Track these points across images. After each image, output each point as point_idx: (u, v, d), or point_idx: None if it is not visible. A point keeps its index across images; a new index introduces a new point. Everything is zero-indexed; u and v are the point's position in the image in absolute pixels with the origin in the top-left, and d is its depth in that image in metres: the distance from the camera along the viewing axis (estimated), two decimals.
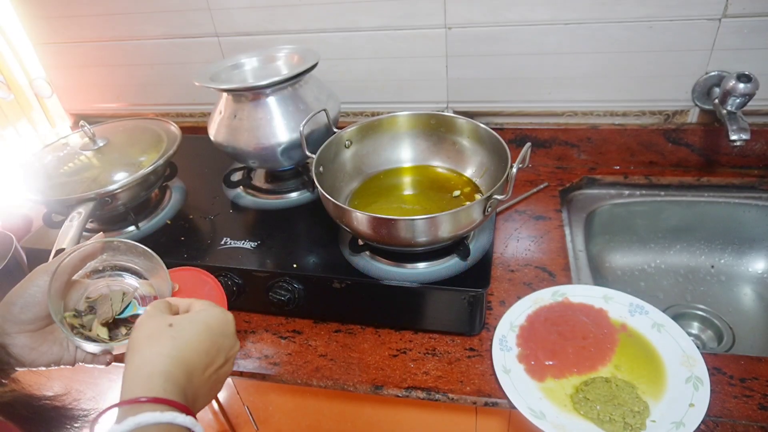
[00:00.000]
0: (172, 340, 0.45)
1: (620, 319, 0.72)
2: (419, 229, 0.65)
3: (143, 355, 0.44)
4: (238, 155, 0.88)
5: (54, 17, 1.15)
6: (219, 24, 1.08)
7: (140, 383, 0.42)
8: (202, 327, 0.48)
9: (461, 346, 0.73)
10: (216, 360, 0.48)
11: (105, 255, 0.57)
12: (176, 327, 0.47)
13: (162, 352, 0.44)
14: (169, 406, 0.41)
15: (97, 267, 0.57)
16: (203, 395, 0.47)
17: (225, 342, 0.49)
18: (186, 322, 0.47)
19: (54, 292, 0.51)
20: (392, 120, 0.87)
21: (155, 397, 0.41)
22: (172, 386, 0.42)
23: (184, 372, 0.44)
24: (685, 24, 0.88)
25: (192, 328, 0.47)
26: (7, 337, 0.50)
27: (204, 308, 0.50)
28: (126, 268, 0.59)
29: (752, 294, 0.95)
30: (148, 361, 0.43)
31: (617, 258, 1.03)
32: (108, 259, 0.57)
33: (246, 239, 0.83)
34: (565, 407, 0.62)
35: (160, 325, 0.46)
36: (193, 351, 0.46)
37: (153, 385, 0.42)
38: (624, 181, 1.01)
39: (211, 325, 0.48)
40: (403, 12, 0.97)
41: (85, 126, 0.90)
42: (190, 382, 0.44)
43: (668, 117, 0.99)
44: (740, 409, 0.61)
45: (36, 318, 0.51)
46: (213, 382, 0.48)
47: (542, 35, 0.94)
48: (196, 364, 0.46)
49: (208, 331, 0.48)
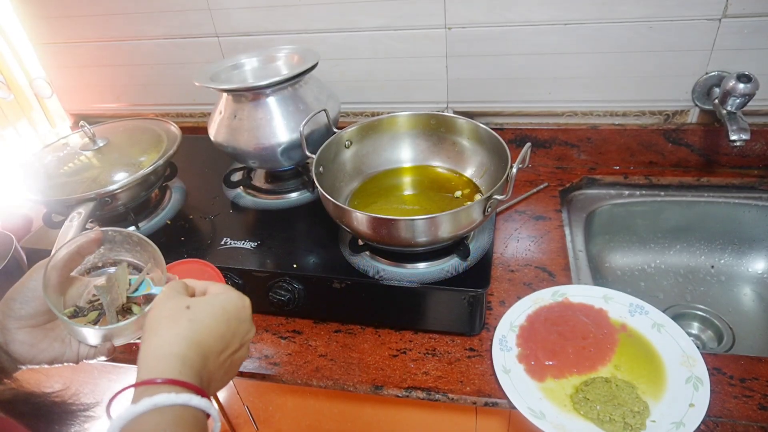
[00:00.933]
0: (190, 323, 0.45)
1: (620, 319, 0.72)
2: (419, 229, 0.65)
3: (161, 337, 0.44)
4: (238, 155, 0.88)
5: (54, 17, 1.15)
6: (219, 24, 1.08)
7: (157, 364, 0.42)
8: (219, 311, 0.47)
9: (461, 346, 0.73)
10: (231, 344, 0.48)
11: (102, 249, 0.56)
12: (194, 309, 0.46)
13: (179, 334, 0.44)
14: (185, 388, 0.41)
15: (96, 263, 0.57)
16: (218, 379, 0.47)
17: (241, 327, 0.49)
18: (203, 305, 0.47)
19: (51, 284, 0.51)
20: (392, 120, 0.87)
21: (172, 378, 0.41)
22: (188, 369, 0.42)
23: (200, 355, 0.44)
24: (685, 24, 0.88)
25: (209, 311, 0.47)
26: (8, 333, 0.50)
27: (221, 291, 0.50)
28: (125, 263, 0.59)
29: (752, 294, 0.95)
30: (166, 342, 0.43)
31: (617, 258, 1.03)
32: (105, 253, 0.56)
33: (246, 239, 0.83)
34: (565, 407, 0.62)
35: (178, 307, 0.46)
36: (209, 334, 0.45)
37: (169, 366, 0.42)
38: (624, 181, 1.01)
39: (228, 309, 0.48)
40: (403, 12, 0.97)
41: (85, 126, 0.90)
42: (205, 365, 0.44)
43: (668, 117, 0.99)
44: (740, 409, 0.61)
45: (36, 313, 0.51)
46: (228, 366, 0.48)
47: (542, 35, 0.94)
48: (212, 348, 0.45)
49: (224, 315, 0.47)
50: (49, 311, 0.51)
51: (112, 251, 0.57)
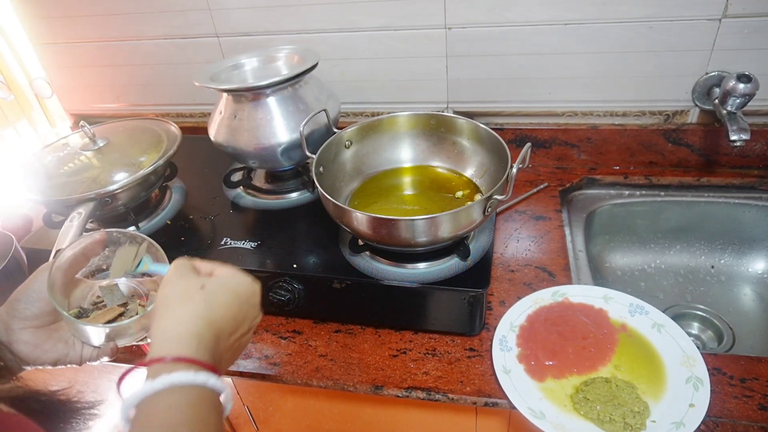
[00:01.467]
0: (205, 303, 0.45)
1: (620, 319, 0.72)
2: (419, 229, 0.65)
3: (176, 315, 0.44)
4: (238, 155, 0.88)
5: (54, 17, 1.15)
6: (219, 24, 1.08)
7: (172, 343, 0.41)
8: (232, 293, 0.48)
9: (461, 347, 0.73)
10: (241, 327, 0.48)
11: (107, 251, 0.56)
12: (207, 290, 0.46)
13: (195, 313, 0.44)
14: (201, 367, 0.40)
15: (100, 266, 0.57)
16: (225, 360, 0.47)
17: (251, 311, 0.50)
18: (216, 286, 0.47)
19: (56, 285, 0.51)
20: (392, 120, 0.87)
21: (189, 357, 0.40)
22: (203, 348, 0.42)
23: (214, 335, 0.44)
24: (685, 24, 0.88)
25: (223, 292, 0.47)
26: (12, 333, 0.50)
27: (233, 275, 0.50)
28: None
29: (752, 294, 0.95)
30: (181, 320, 0.43)
31: (617, 258, 1.03)
32: (110, 255, 0.57)
33: (246, 239, 0.83)
34: (565, 407, 0.62)
35: (193, 286, 0.46)
36: (222, 316, 0.46)
37: (185, 345, 0.41)
38: (624, 181, 1.01)
39: (240, 292, 0.49)
40: (403, 12, 0.97)
41: (85, 126, 0.90)
42: (217, 346, 0.44)
43: (668, 117, 0.99)
44: (740, 410, 0.61)
45: (40, 313, 0.51)
46: (235, 349, 0.48)
47: (542, 35, 0.94)
48: (224, 329, 0.46)
49: (236, 298, 0.48)
50: (54, 312, 0.51)
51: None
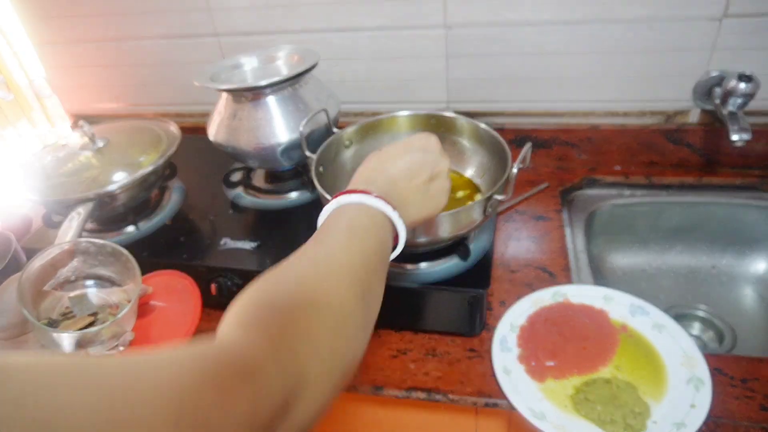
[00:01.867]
0: (377, 159, 0.53)
1: (621, 319, 0.72)
2: (419, 229, 0.65)
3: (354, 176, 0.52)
4: (238, 155, 0.88)
5: (54, 17, 1.15)
6: (219, 24, 1.07)
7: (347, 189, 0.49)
8: (401, 145, 0.54)
9: (461, 347, 0.73)
10: (420, 173, 0.52)
11: (75, 262, 0.56)
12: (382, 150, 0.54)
13: (367, 166, 0.52)
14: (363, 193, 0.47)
15: (68, 277, 0.57)
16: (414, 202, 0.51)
17: (427, 157, 0.53)
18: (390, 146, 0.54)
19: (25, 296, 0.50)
20: (392, 120, 0.87)
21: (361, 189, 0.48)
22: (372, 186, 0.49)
23: (386, 179, 0.50)
24: (685, 24, 0.88)
25: (393, 147, 0.54)
26: None
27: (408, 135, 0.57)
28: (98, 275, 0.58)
29: (753, 295, 0.95)
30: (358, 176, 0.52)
31: (618, 258, 1.03)
32: (79, 266, 0.56)
33: (246, 239, 0.83)
34: (565, 408, 0.62)
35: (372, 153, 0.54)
36: (392, 164, 0.52)
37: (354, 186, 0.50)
38: (624, 181, 1.01)
39: (410, 141, 0.54)
40: (403, 12, 0.97)
41: (84, 126, 0.90)
42: (394, 186, 0.50)
43: (669, 117, 0.99)
44: (742, 410, 0.61)
45: (8, 326, 0.51)
46: (423, 193, 0.52)
47: (542, 35, 0.94)
48: (397, 175, 0.51)
49: (405, 148, 0.53)
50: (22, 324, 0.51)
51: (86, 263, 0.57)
